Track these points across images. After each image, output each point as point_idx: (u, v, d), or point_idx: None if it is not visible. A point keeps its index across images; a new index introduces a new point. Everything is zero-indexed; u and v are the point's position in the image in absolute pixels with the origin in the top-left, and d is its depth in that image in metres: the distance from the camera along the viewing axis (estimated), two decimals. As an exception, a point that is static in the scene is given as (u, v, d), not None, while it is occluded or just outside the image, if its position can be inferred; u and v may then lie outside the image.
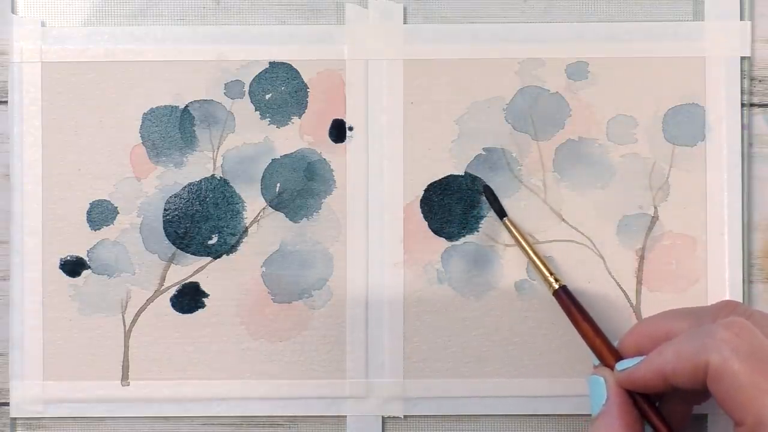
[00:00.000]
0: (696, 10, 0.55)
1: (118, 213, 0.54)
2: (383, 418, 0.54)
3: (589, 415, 0.54)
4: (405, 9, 0.55)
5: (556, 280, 0.51)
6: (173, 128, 0.54)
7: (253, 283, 0.54)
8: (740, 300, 0.54)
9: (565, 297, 0.51)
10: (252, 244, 0.54)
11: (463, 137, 0.55)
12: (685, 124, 0.54)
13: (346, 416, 0.54)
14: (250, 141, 0.55)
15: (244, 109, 0.55)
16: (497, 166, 0.54)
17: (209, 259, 0.54)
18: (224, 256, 0.54)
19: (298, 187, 0.54)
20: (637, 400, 0.47)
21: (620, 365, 0.47)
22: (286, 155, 0.55)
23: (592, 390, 0.48)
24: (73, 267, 0.54)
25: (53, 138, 0.54)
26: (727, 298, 0.54)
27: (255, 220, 0.54)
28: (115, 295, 0.54)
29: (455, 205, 0.54)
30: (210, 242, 0.54)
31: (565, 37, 0.55)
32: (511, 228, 0.53)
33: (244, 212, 0.54)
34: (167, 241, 0.54)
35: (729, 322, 0.44)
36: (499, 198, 0.54)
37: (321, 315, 0.54)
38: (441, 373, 0.54)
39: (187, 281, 0.54)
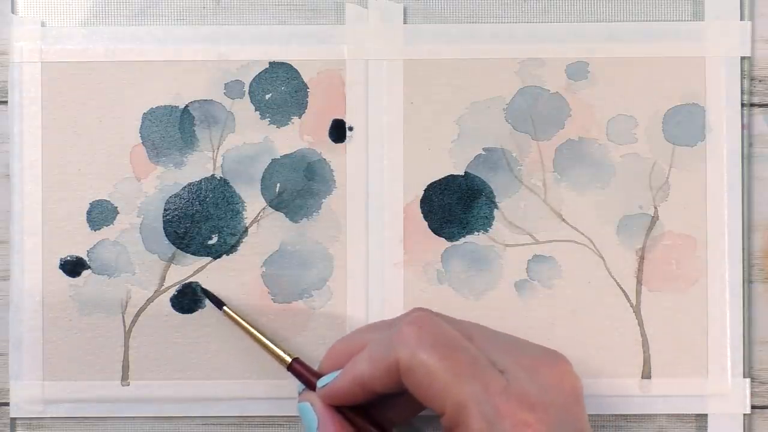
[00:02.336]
0: (696, 10, 0.55)
1: (118, 213, 0.54)
2: (383, 418, 0.54)
3: (591, 415, 0.54)
4: (405, 9, 0.55)
5: (289, 355, 0.51)
6: (173, 128, 0.54)
7: (253, 283, 0.54)
8: (740, 300, 0.54)
9: (300, 367, 0.50)
10: (252, 244, 0.54)
11: (463, 137, 0.55)
12: (685, 124, 0.54)
13: (346, 416, 0.54)
14: (250, 141, 0.55)
15: (244, 109, 0.55)
16: (497, 166, 0.54)
17: (209, 259, 0.54)
18: (224, 256, 0.54)
19: (298, 187, 0.54)
20: (347, 414, 0.47)
21: (320, 382, 0.48)
22: (286, 155, 0.55)
23: (303, 418, 0.48)
24: (73, 267, 0.54)
25: (53, 138, 0.54)
26: (727, 298, 0.54)
27: (255, 220, 0.54)
28: (115, 295, 0.54)
29: (455, 205, 0.54)
30: (210, 242, 0.54)
31: (565, 37, 0.55)
32: (234, 315, 0.52)
33: (244, 212, 0.54)
34: (167, 241, 0.54)
35: (412, 318, 0.45)
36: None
37: (321, 315, 0.54)
38: (441, 373, 0.54)
39: (187, 281, 0.54)
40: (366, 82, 0.54)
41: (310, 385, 0.49)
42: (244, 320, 0.52)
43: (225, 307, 0.53)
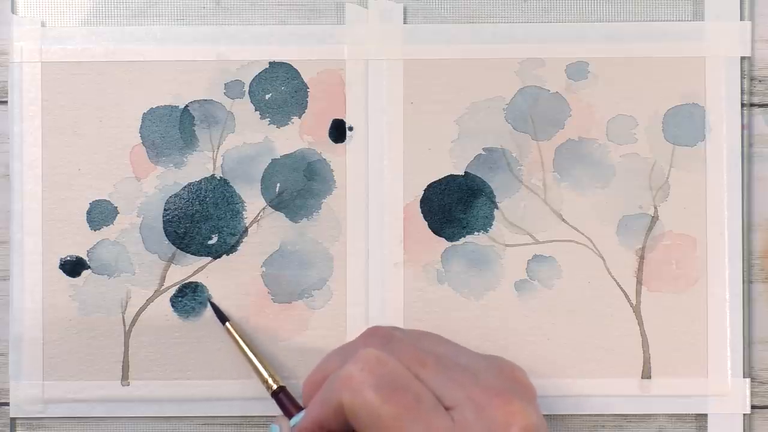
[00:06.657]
0: (696, 10, 0.55)
1: (118, 213, 0.54)
2: (383, 418, 0.54)
3: (591, 415, 0.54)
4: (405, 9, 0.55)
5: (276, 381, 0.51)
6: (173, 128, 0.54)
7: (253, 283, 0.54)
8: (740, 300, 0.54)
9: (283, 398, 0.51)
10: (252, 244, 0.54)
11: (463, 137, 0.55)
12: (685, 124, 0.54)
13: (346, 416, 0.54)
14: (250, 141, 0.55)
15: (244, 109, 0.55)
16: (497, 166, 0.55)
17: (209, 259, 0.54)
18: (224, 256, 0.54)
19: (298, 187, 0.54)
20: None
21: (292, 421, 0.48)
22: (286, 155, 0.55)
23: None
24: (73, 267, 0.54)
25: (53, 138, 0.54)
26: (727, 298, 0.54)
27: (255, 220, 0.54)
28: (115, 295, 0.54)
29: (455, 205, 0.54)
30: (210, 242, 0.54)
31: (565, 37, 0.55)
32: (233, 333, 0.53)
33: (244, 212, 0.54)
34: (167, 241, 0.54)
35: (357, 357, 0.44)
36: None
37: (321, 315, 0.54)
38: (441, 373, 0.54)
39: (187, 281, 0.54)
40: (366, 82, 0.54)
41: (289, 417, 0.49)
42: (242, 339, 0.53)
43: (228, 323, 0.53)
